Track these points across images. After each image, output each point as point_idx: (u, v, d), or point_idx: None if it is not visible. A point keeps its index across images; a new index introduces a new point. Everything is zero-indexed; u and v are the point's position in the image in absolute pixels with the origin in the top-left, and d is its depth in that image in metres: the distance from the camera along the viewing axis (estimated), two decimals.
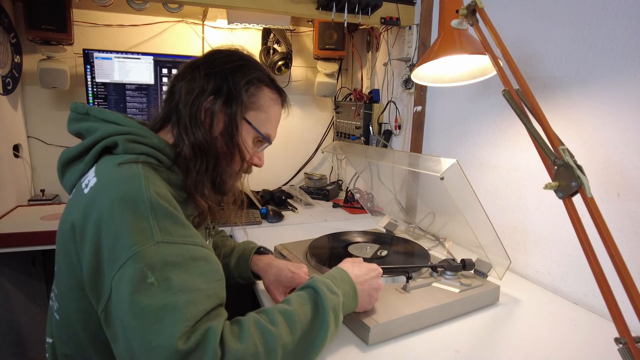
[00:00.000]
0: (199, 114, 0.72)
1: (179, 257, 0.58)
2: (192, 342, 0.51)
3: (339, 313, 0.67)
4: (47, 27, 1.47)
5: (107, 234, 0.56)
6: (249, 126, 0.77)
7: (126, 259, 0.54)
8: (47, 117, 1.73)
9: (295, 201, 1.85)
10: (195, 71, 0.75)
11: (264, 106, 0.79)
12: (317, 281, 0.68)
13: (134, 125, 0.71)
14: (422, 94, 1.49)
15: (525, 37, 1.08)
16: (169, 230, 0.59)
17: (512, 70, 0.70)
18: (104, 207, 0.58)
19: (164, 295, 0.54)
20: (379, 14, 1.47)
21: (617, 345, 0.52)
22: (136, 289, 0.53)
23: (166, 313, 0.53)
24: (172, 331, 0.51)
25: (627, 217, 0.85)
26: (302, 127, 2.17)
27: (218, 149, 0.73)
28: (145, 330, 0.52)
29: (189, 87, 0.73)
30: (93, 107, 0.72)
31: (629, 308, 0.51)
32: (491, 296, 0.92)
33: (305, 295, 0.67)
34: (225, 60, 0.78)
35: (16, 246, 1.30)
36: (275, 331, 0.58)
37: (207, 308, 0.56)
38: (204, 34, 1.90)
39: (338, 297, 0.68)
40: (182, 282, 0.56)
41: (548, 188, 0.60)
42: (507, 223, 1.15)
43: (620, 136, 0.86)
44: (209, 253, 0.63)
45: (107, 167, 0.64)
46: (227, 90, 0.74)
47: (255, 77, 0.77)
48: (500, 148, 1.17)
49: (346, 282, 0.73)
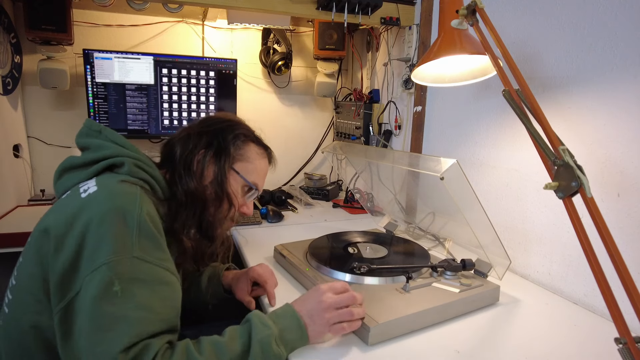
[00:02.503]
0: (192, 164, 0.81)
1: (148, 276, 0.63)
2: (130, 356, 0.56)
3: (270, 346, 0.66)
4: (47, 27, 1.47)
5: (94, 235, 0.61)
6: (237, 175, 0.85)
7: (102, 264, 0.59)
8: (47, 117, 1.73)
9: (295, 201, 1.85)
10: (189, 130, 0.86)
11: (250, 158, 0.88)
12: (253, 315, 0.71)
13: (141, 154, 0.79)
14: (422, 94, 1.49)
15: (525, 37, 1.08)
16: (147, 250, 0.64)
17: (512, 70, 0.70)
18: (98, 212, 0.63)
19: (122, 307, 0.59)
20: (379, 14, 1.47)
21: (617, 345, 0.52)
22: (100, 294, 0.58)
23: (118, 324, 0.58)
24: (117, 342, 0.56)
25: (627, 217, 0.85)
26: (302, 127, 2.17)
27: (207, 196, 0.81)
28: (95, 334, 0.57)
29: (184, 143, 0.83)
30: (107, 128, 0.79)
31: (629, 308, 0.51)
32: (491, 296, 0.92)
33: (239, 329, 0.69)
34: (216, 121, 0.89)
35: (16, 246, 1.30)
36: (201, 359, 0.61)
37: (156, 331, 0.61)
38: (204, 34, 1.90)
39: (269, 329, 0.68)
40: (142, 299, 0.61)
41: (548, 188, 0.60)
42: (507, 223, 1.15)
43: (620, 136, 0.86)
44: (175, 282, 0.69)
45: (109, 180, 0.70)
46: (217, 144, 0.84)
47: (242, 133, 0.88)
48: (500, 148, 1.17)
49: (288, 316, 0.72)
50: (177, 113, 1.80)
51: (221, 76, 1.83)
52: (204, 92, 1.82)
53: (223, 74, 1.83)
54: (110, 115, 1.69)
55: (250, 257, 1.15)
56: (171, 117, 1.79)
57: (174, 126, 1.80)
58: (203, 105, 1.83)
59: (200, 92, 1.81)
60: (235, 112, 1.89)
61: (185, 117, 1.81)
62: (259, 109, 2.07)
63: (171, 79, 1.76)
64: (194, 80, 1.79)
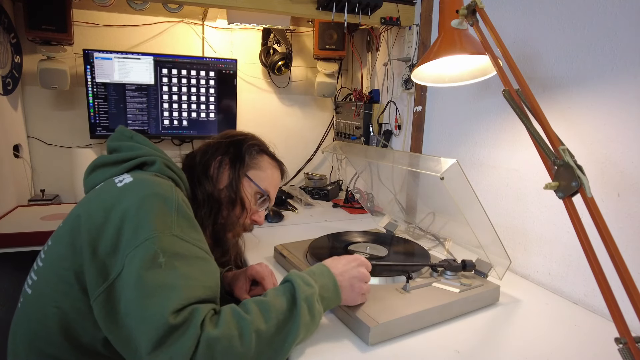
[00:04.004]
0: (209, 169, 0.89)
1: (187, 251, 0.65)
2: (180, 318, 0.57)
3: (314, 304, 0.69)
4: (47, 27, 1.47)
5: (134, 218, 0.64)
6: (250, 182, 0.92)
7: (145, 240, 0.61)
8: (47, 117, 1.73)
9: (296, 201, 1.85)
10: (209, 142, 0.95)
11: (263, 167, 0.95)
12: (293, 275, 0.72)
13: (169, 157, 0.84)
14: (422, 94, 1.49)
15: (525, 37, 1.08)
16: (185, 230, 0.67)
17: (512, 70, 0.70)
18: (137, 198, 0.66)
19: (167, 276, 0.60)
20: (379, 14, 1.47)
21: (617, 346, 0.52)
22: (146, 265, 0.60)
23: (165, 290, 0.59)
24: (166, 305, 0.57)
25: (627, 217, 0.85)
26: (302, 127, 2.17)
27: (222, 199, 0.88)
28: (142, 302, 0.58)
29: (203, 152, 0.93)
30: (138, 134, 0.84)
31: (629, 308, 0.51)
32: (491, 296, 0.92)
33: (281, 288, 0.71)
34: (234, 134, 0.97)
35: (16, 246, 1.30)
36: (249, 318, 0.62)
37: (201, 296, 0.62)
38: (204, 34, 1.90)
39: (312, 288, 0.70)
40: (185, 271, 0.62)
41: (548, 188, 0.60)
42: (507, 223, 1.15)
43: (620, 136, 0.86)
44: (211, 259, 0.70)
45: (143, 174, 0.74)
46: (233, 152, 0.92)
47: (257, 144, 0.96)
48: (500, 148, 1.17)
49: (325, 275, 0.76)
50: (177, 113, 1.80)
51: (221, 76, 1.83)
52: (204, 92, 1.82)
53: (223, 74, 1.83)
54: (110, 115, 1.69)
55: (251, 257, 1.15)
56: (171, 117, 1.79)
57: (174, 126, 1.80)
58: (203, 105, 1.83)
59: (200, 92, 1.81)
60: (235, 112, 1.89)
61: (185, 117, 1.81)
62: (259, 109, 2.07)
63: (171, 79, 1.76)
64: (194, 80, 1.80)
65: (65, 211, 1.52)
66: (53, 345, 0.68)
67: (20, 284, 0.77)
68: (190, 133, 1.84)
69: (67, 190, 1.77)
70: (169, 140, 1.89)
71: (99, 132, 1.69)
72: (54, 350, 0.68)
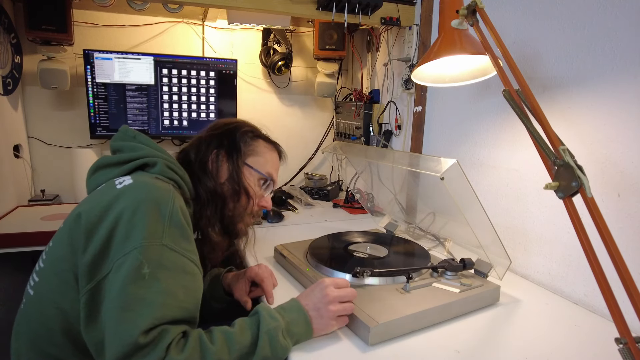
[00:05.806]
0: (207, 165, 0.87)
1: (173, 264, 0.65)
2: (148, 338, 0.58)
3: (277, 338, 0.68)
4: (47, 27, 1.47)
5: (127, 222, 0.64)
6: (251, 169, 0.90)
7: (133, 249, 0.62)
8: (48, 117, 1.73)
9: (296, 201, 1.85)
10: (199, 136, 0.92)
11: (260, 152, 0.93)
12: (261, 308, 0.73)
13: (172, 157, 0.83)
14: (422, 94, 1.49)
15: (525, 37, 1.08)
16: (175, 239, 0.67)
17: (512, 70, 0.70)
18: (133, 201, 0.66)
19: (148, 290, 0.61)
20: (379, 14, 1.47)
21: (617, 346, 0.52)
22: (131, 275, 0.61)
23: (141, 305, 0.60)
24: (140, 323, 0.58)
25: (627, 217, 0.85)
26: (302, 127, 2.17)
27: (225, 192, 0.86)
28: (120, 313, 0.59)
29: (196, 148, 0.89)
30: (141, 133, 0.83)
31: (629, 308, 0.51)
32: (491, 296, 0.92)
33: (248, 321, 0.71)
34: (222, 124, 0.94)
35: (16, 246, 1.30)
36: (213, 349, 0.63)
37: (175, 316, 0.63)
38: (204, 34, 1.90)
39: (276, 322, 0.70)
40: (167, 285, 0.63)
41: (548, 188, 0.60)
42: (507, 223, 1.15)
43: (620, 136, 0.86)
44: (198, 273, 0.71)
45: (144, 176, 0.74)
46: (227, 143, 0.89)
47: (249, 130, 0.93)
48: (500, 148, 1.17)
49: (294, 310, 0.75)
50: (177, 113, 1.80)
51: (221, 76, 1.83)
52: (204, 92, 1.82)
53: (223, 74, 1.83)
54: (110, 115, 1.69)
55: (251, 257, 1.15)
56: (171, 117, 1.79)
57: (174, 126, 1.80)
58: (203, 105, 1.83)
59: (200, 93, 1.81)
60: (235, 112, 1.89)
61: (185, 117, 1.81)
62: (259, 109, 2.07)
63: (171, 79, 1.76)
64: (194, 80, 1.79)
65: (65, 211, 1.52)
66: (55, 345, 0.68)
67: (21, 284, 0.77)
68: (191, 133, 1.84)
69: (68, 190, 1.77)
70: (169, 140, 1.89)
71: (99, 132, 1.69)
72: (56, 351, 0.68)
